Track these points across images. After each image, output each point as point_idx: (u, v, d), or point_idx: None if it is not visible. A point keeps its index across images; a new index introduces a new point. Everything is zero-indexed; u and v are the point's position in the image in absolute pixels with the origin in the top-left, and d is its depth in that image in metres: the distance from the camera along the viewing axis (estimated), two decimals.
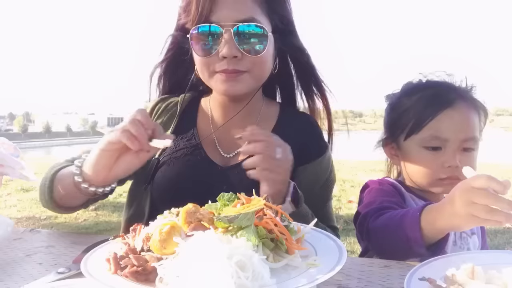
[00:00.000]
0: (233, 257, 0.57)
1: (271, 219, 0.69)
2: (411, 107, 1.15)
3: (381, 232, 0.96)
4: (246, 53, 1.08)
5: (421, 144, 1.12)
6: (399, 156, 1.21)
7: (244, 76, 1.10)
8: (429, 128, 1.11)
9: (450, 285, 0.66)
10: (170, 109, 1.27)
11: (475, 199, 0.76)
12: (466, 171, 0.83)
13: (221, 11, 1.07)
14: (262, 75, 1.15)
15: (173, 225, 0.63)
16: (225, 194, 0.77)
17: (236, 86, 1.11)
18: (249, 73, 1.11)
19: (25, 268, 0.89)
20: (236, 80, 1.10)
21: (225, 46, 1.06)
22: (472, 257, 0.78)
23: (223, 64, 1.08)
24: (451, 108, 1.11)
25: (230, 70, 1.08)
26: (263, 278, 0.58)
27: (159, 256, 0.63)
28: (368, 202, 1.10)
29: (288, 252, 0.67)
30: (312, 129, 1.27)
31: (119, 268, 0.64)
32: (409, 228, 0.87)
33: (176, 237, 0.62)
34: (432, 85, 1.19)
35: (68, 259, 0.93)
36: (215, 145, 1.21)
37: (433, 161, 1.11)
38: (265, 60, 1.12)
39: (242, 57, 1.08)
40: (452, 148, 1.09)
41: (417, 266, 0.73)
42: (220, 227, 0.65)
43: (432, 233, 0.86)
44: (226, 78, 1.10)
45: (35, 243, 1.05)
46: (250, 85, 1.13)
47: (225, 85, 1.11)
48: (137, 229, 0.72)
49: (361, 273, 0.80)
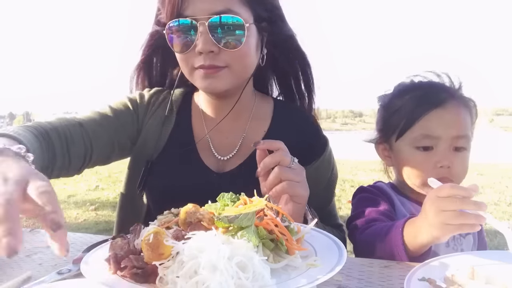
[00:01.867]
0: (234, 258, 0.57)
1: (272, 219, 0.69)
2: (402, 107, 1.16)
3: (368, 246, 0.97)
4: (223, 47, 1.02)
5: (413, 144, 1.12)
6: (392, 157, 1.21)
7: (223, 72, 1.05)
8: (419, 127, 1.11)
9: (450, 285, 0.66)
10: (166, 103, 1.22)
11: (443, 207, 0.78)
12: (431, 182, 0.87)
13: (195, 3, 1.01)
14: (244, 70, 1.09)
15: (156, 231, 0.62)
16: (225, 194, 0.77)
17: (216, 83, 1.05)
18: (229, 69, 1.05)
19: (25, 268, 0.89)
20: (215, 77, 1.04)
21: (200, 41, 1.01)
22: (471, 258, 0.78)
23: (200, 59, 1.03)
24: (442, 107, 1.11)
25: (207, 66, 1.03)
26: (264, 279, 0.58)
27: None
28: (356, 213, 1.12)
29: (289, 253, 0.67)
30: (310, 126, 1.23)
31: (119, 269, 0.64)
32: (393, 244, 0.88)
33: (167, 240, 0.62)
34: (422, 86, 1.19)
35: (68, 259, 0.93)
36: (209, 148, 1.18)
37: (425, 162, 1.11)
38: (245, 54, 1.05)
39: (220, 52, 1.02)
40: (444, 147, 1.09)
41: (417, 267, 0.73)
42: (220, 227, 0.65)
43: (415, 247, 0.87)
44: (205, 74, 1.04)
45: (35, 243, 1.05)
46: (231, 81, 1.07)
47: (204, 82, 1.06)
48: (137, 229, 0.72)
49: (361, 273, 0.80)
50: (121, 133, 1.18)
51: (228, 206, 0.73)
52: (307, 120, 1.24)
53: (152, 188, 1.18)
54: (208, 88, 1.08)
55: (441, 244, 1.11)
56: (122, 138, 1.18)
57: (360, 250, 1.02)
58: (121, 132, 1.17)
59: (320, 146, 1.20)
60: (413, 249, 0.87)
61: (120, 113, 1.19)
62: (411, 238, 0.87)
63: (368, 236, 0.99)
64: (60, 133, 1.04)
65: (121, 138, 1.18)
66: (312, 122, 1.25)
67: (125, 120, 1.19)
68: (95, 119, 1.15)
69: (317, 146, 1.20)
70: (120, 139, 1.17)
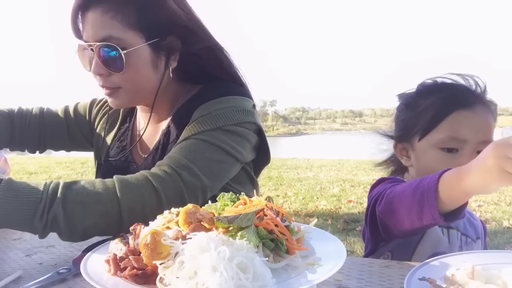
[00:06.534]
0: (235, 259, 0.57)
1: (272, 219, 0.69)
2: (428, 108, 1.13)
3: (397, 197, 0.93)
4: (110, 71, 1.07)
5: (438, 145, 1.10)
6: (411, 157, 1.18)
7: (120, 93, 1.11)
8: (446, 128, 1.09)
9: (450, 285, 0.66)
10: (117, 109, 1.34)
11: (509, 154, 0.72)
12: (506, 131, 0.80)
13: (87, 30, 1.08)
14: (137, 89, 1.12)
15: (153, 232, 0.62)
16: (225, 194, 0.77)
17: (116, 102, 1.13)
18: (123, 89, 1.11)
19: (25, 268, 0.89)
20: (113, 96, 1.12)
21: (93, 64, 1.08)
22: (472, 257, 0.78)
23: (98, 79, 1.11)
24: (470, 110, 1.09)
25: (101, 86, 1.11)
26: (264, 279, 0.58)
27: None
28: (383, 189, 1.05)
29: (289, 253, 0.67)
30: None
31: (119, 269, 0.64)
32: (425, 189, 0.84)
33: (165, 239, 0.62)
34: (449, 86, 1.17)
35: (68, 259, 0.93)
36: (136, 146, 1.26)
37: (449, 163, 1.06)
38: (134, 75, 1.09)
39: (110, 74, 1.08)
40: (469, 150, 1.08)
41: (417, 266, 0.73)
42: (220, 227, 0.65)
43: (454, 194, 0.82)
44: (106, 93, 1.13)
45: (35, 243, 1.05)
46: (130, 99, 1.14)
47: (108, 100, 1.14)
48: (136, 229, 0.72)
49: (361, 273, 0.81)
50: (74, 129, 1.37)
51: (228, 206, 0.73)
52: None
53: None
54: (112, 105, 1.16)
55: (454, 248, 1.10)
56: (75, 133, 1.37)
57: (386, 203, 0.96)
58: (74, 128, 1.37)
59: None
60: (450, 197, 0.82)
61: (77, 113, 1.38)
62: (453, 182, 0.82)
63: (401, 187, 0.93)
64: (20, 117, 1.33)
65: (74, 133, 1.37)
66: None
67: (80, 119, 1.38)
68: (56, 113, 1.37)
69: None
70: (72, 134, 1.37)
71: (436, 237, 1.10)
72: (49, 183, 0.89)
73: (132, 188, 0.93)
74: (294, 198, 5.80)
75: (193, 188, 0.99)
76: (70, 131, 1.37)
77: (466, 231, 1.18)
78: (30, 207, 0.85)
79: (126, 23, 1.06)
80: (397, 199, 0.93)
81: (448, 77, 1.18)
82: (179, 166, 0.99)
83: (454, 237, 1.13)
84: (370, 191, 1.12)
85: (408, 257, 1.08)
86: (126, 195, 0.91)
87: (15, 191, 0.85)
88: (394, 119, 1.26)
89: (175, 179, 0.97)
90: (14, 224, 0.86)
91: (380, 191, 1.01)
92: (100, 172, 1.29)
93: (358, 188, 6.38)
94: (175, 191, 0.96)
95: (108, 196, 0.90)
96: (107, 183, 0.93)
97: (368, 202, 1.10)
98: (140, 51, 1.08)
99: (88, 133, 1.38)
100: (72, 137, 1.37)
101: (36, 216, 0.85)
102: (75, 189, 0.89)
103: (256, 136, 1.16)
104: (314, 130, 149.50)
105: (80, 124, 1.37)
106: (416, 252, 1.08)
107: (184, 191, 0.97)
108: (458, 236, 1.15)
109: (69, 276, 0.81)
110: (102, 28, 1.05)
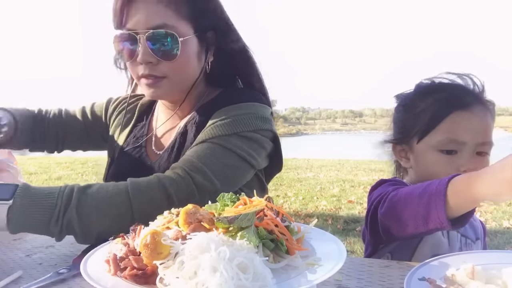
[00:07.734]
0: (235, 259, 0.57)
1: (272, 219, 0.69)
2: (426, 109, 1.12)
3: (402, 200, 0.91)
4: (160, 59, 1.07)
5: (436, 147, 1.09)
6: (410, 158, 1.17)
7: (163, 82, 1.11)
8: (445, 130, 1.08)
9: (450, 285, 0.66)
10: (134, 106, 1.35)
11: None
12: None
13: (135, 17, 1.08)
14: (183, 79, 1.14)
15: (153, 232, 0.62)
16: (225, 194, 0.77)
17: (157, 92, 1.12)
18: (168, 79, 1.11)
19: (25, 268, 0.89)
20: (156, 86, 1.11)
21: (140, 52, 1.07)
22: (472, 257, 0.78)
23: (141, 68, 1.10)
24: (468, 111, 1.08)
25: (146, 75, 1.10)
26: (264, 279, 0.58)
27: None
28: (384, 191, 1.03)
29: (289, 253, 0.67)
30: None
31: (119, 270, 0.64)
32: (434, 193, 0.82)
33: (165, 240, 0.62)
34: (446, 87, 1.16)
35: (68, 259, 0.93)
36: (151, 143, 1.25)
37: (448, 165, 1.08)
38: (183, 65, 1.10)
39: (158, 63, 1.08)
40: (468, 152, 1.07)
41: (417, 266, 0.73)
42: (220, 227, 0.65)
43: (462, 201, 0.80)
44: (147, 83, 1.11)
45: (35, 243, 1.05)
46: (172, 90, 1.14)
47: (148, 90, 1.13)
48: (136, 229, 0.72)
49: (361, 273, 0.81)
50: (91, 129, 1.39)
51: (227, 207, 0.73)
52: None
53: (109, 179, 1.26)
54: (151, 96, 1.15)
55: (454, 250, 1.10)
56: (92, 133, 1.39)
57: (390, 207, 0.94)
58: (91, 128, 1.39)
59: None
60: (458, 203, 0.80)
61: (94, 113, 1.40)
62: (463, 188, 0.79)
63: (407, 190, 0.92)
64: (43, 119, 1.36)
65: (92, 134, 1.39)
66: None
67: (96, 119, 1.40)
68: (74, 114, 1.40)
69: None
70: (90, 134, 1.39)
71: (436, 238, 1.09)
72: (64, 188, 0.91)
73: (144, 192, 0.94)
74: (294, 198, 5.81)
75: (205, 192, 0.98)
76: (88, 131, 1.39)
77: (466, 232, 1.18)
78: (46, 212, 0.87)
79: (179, 12, 1.08)
80: (401, 202, 0.92)
81: (446, 77, 1.17)
82: (193, 169, 0.99)
83: (454, 239, 1.13)
84: (369, 193, 1.11)
85: (407, 259, 1.08)
86: (138, 199, 0.92)
87: (32, 196, 0.87)
88: (392, 120, 1.25)
89: (188, 182, 0.97)
90: (31, 228, 0.88)
91: (382, 193, 1.00)
92: (113, 168, 1.29)
93: (358, 188, 6.39)
94: (187, 194, 0.97)
95: (121, 199, 0.92)
96: (120, 186, 0.94)
97: (368, 204, 1.09)
98: (190, 41, 1.10)
99: (104, 133, 1.39)
100: (90, 137, 1.39)
101: (51, 221, 0.87)
102: (89, 193, 0.91)
103: (271, 143, 1.16)
104: (314, 130, 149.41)
105: (97, 124, 1.39)
106: (416, 253, 1.08)
107: (196, 194, 0.97)
108: (458, 237, 1.15)
109: (69, 276, 0.81)
110: (157, 16, 1.07)
